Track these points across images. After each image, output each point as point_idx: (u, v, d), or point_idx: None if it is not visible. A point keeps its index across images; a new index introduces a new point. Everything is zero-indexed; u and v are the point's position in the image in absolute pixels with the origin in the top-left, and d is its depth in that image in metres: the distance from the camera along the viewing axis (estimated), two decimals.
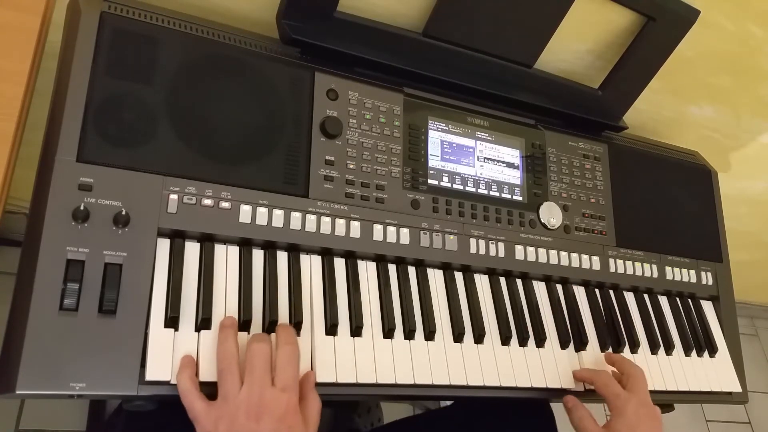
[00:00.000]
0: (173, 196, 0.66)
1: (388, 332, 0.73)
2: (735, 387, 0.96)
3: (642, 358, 0.90)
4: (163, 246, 0.65)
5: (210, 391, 0.60)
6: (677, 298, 1.00)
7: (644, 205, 0.99)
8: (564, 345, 0.84)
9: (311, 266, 0.73)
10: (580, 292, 0.90)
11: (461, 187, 0.84)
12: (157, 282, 0.63)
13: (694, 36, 0.92)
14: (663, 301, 0.99)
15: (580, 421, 0.77)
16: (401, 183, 0.80)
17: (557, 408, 0.92)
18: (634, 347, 0.89)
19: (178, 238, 0.66)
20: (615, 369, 0.83)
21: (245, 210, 0.69)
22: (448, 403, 1.07)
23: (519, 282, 0.86)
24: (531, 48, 0.89)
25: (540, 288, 0.87)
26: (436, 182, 0.82)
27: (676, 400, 0.91)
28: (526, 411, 0.91)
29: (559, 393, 0.81)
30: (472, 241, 0.82)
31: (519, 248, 0.85)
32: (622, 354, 0.87)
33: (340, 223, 0.74)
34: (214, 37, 0.73)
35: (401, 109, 0.82)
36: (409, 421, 1.01)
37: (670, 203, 1.02)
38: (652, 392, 0.88)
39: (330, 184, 0.75)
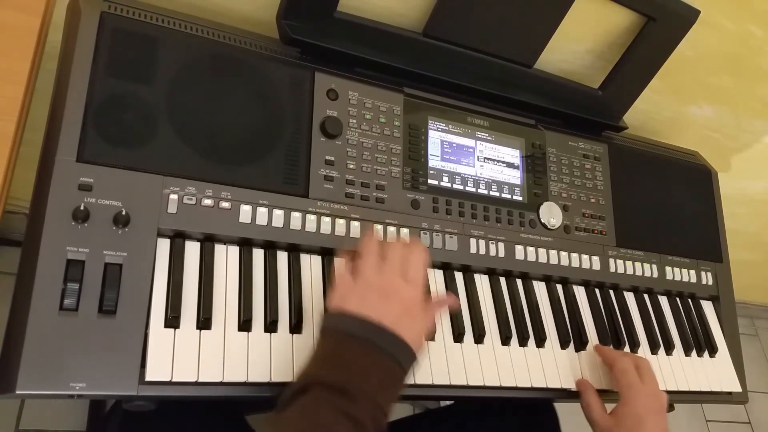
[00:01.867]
0: (173, 196, 0.66)
1: None
2: (735, 387, 0.96)
3: None
4: (163, 246, 0.65)
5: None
6: (677, 298, 1.00)
7: (644, 205, 0.99)
8: (564, 345, 0.84)
9: (311, 266, 0.73)
10: (580, 292, 0.90)
11: (461, 187, 0.84)
12: (157, 282, 0.63)
13: (694, 36, 0.92)
14: (663, 301, 0.99)
15: (587, 408, 0.78)
16: (401, 183, 0.80)
17: (561, 408, 0.92)
18: (634, 347, 0.89)
19: (178, 238, 0.66)
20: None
21: (245, 210, 0.69)
22: (449, 402, 1.07)
23: (519, 282, 0.86)
24: (531, 48, 0.89)
25: (540, 288, 0.87)
26: (436, 182, 0.82)
27: (676, 400, 0.91)
28: (530, 410, 0.91)
29: (559, 393, 0.81)
30: (472, 241, 0.82)
31: (519, 248, 0.85)
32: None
33: (340, 223, 0.74)
34: (214, 37, 0.73)
35: (401, 109, 0.82)
36: (410, 420, 1.01)
37: (670, 203, 1.02)
38: None
39: (330, 184, 0.75)
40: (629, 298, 0.95)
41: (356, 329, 0.58)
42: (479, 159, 0.87)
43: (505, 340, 0.80)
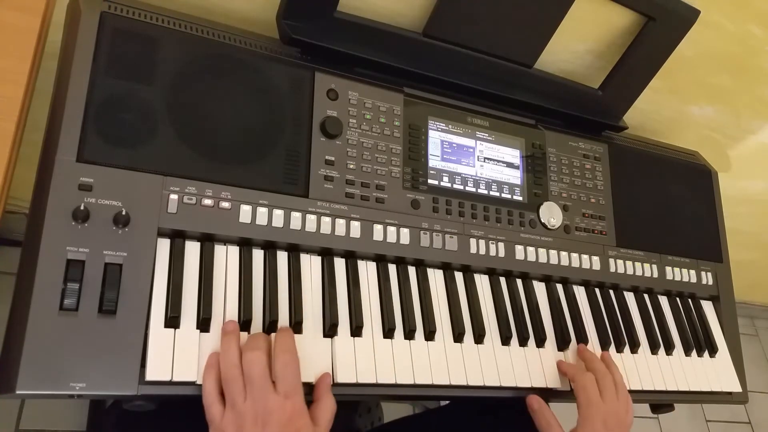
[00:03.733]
0: (173, 196, 0.66)
1: (388, 332, 0.73)
2: (735, 387, 0.96)
3: (642, 357, 0.90)
4: (163, 246, 0.65)
5: None
6: (677, 298, 1.00)
7: (644, 205, 0.99)
8: (564, 345, 0.84)
9: (311, 266, 0.73)
10: (580, 292, 0.90)
11: (461, 187, 0.84)
12: (157, 282, 0.63)
13: (694, 36, 0.92)
14: (663, 301, 0.99)
15: (548, 427, 0.76)
16: (401, 183, 0.80)
17: (559, 408, 0.92)
18: (635, 347, 0.89)
19: (178, 238, 0.66)
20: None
21: (245, 210, 0.69)
22: (446, 402, 1.07)
23: (519, 282, 0.86)
24: (531, 48, 0.89)
25: (540, 288, 0.87)
26: (436, 182, 0.82)
27: (676, 400, 0.91)
28: (527, 410, 0.91)
29: (559, 393, 0.82)
30: (472, 241, 0.82)
31: (519, 248, 0.85)
32: (606, 352, 0.86)
33: (340, 223, 0.74)
34: (214, 37, 0.73)
35: (401, 109, 0.82)
36: (409, 420, 1.01)
37: (670, 203, 1.02)
38: (652, 392, 0.88)
39: (330, 184, 0.75)
40: (629, 298, 0.95)
41: None
42: (479, 159, 0.87)
43: (505, 340, 0.80)
